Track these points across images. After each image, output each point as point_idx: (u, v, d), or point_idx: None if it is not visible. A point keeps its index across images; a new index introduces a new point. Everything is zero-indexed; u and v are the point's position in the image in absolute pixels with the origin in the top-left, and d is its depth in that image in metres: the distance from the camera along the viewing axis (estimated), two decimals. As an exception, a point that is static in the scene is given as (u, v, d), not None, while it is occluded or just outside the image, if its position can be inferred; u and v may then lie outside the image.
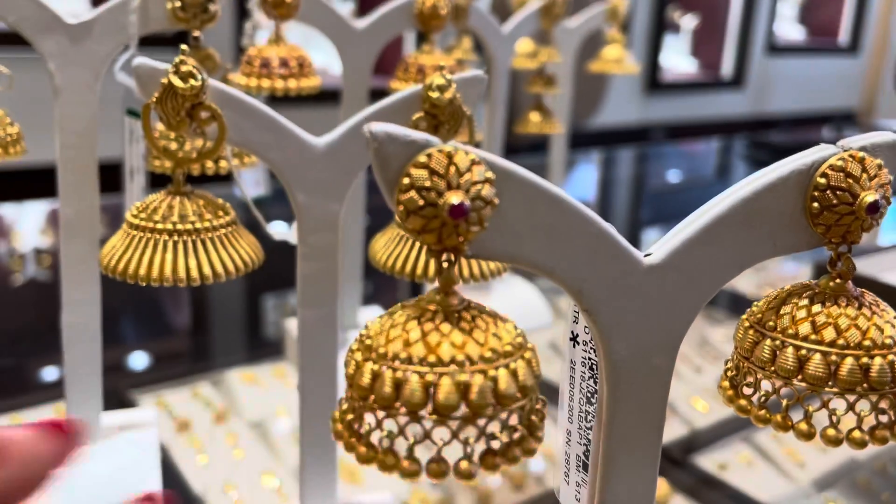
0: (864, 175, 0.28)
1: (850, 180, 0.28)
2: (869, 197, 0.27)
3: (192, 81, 0.41)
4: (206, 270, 0.43)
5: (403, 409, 0.23)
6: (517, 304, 0.95)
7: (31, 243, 1.26)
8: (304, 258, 0.47)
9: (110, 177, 0.72)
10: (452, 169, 0.24)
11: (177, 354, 0.99)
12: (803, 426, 0.28)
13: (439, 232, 0.24)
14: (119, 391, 0.83)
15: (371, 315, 0.89)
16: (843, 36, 3.79)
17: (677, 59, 3.39)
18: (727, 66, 3.40)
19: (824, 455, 0.80)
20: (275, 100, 0.67)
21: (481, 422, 0.24)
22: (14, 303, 1.07)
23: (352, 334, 0.83)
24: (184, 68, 0.41)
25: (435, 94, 0.45)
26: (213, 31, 0.55)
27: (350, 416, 0.25)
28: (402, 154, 0.25)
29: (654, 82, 3.12)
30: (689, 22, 3.40)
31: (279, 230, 0.50)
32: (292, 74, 0.65)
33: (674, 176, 2.15)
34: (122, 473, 0.55)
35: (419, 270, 0.47)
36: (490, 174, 0.25)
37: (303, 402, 0.49)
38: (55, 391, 0.81)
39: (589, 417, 0.33)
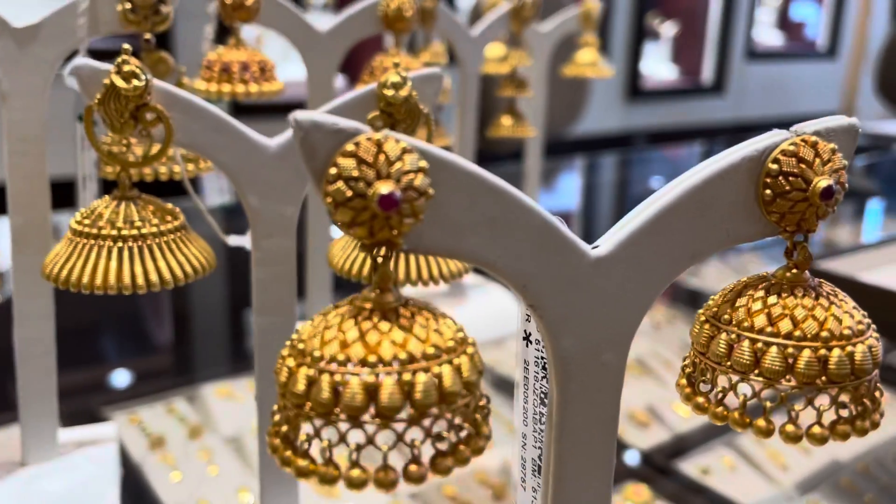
0: (818, 160, 0.26)
1: (803, 165, 0.26)
2: (822, 182, 0.26)
3: (135, 82, 0.40)
4: (153, 277, 0.41)
5: (343, 415, 0.22)
6: (493, 310, 0.94)
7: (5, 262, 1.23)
8: (258, 263, 0.45)
9: (66, 192, 0.70)
10: (382, 157, 0.23)
11: (151, 370, 0.96)
12: (762, 423, 0.26)
13: (370, 225, 0.23)
14: (92, 408, 0.81)
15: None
16: (822, 41, 3.82)
17: (657, 66, 3.41)
18: (707, 73, 3.41)
19: (807, 458, 0.79)
20: (240, 111, 0.66)
21: (426, 422, 0.22)
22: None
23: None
24: (126, 68, 0.40)
25: (390, 92, 0.44)
26: (174, 35, 0.54)
27: (285, 428, 0.24)
28: (329, 143, 0.23)
29: (634, 90, 3.13)
30: (668, 29, 3.42)
31: (235, 237, 0.48)
32: (254, 79, 0.63)
33: (657, 182, 2.15)
34: (78, 491, 0.53)
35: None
36: (423, 163, 0.24)
37: (261, 413, 0.47)
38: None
39: (543, 419, 0.31)
